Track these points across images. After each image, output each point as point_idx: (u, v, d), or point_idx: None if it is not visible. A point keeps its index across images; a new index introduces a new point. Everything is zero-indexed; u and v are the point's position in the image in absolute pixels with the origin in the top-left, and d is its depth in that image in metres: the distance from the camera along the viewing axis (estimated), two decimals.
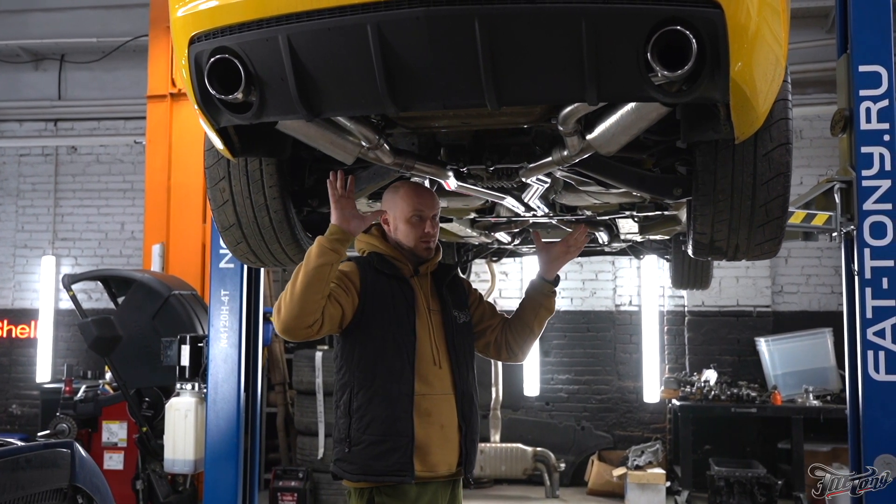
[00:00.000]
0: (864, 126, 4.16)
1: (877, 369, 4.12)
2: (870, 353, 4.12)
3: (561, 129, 2.55)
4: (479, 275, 8.77)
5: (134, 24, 9.26)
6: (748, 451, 8.36)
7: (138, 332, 6.14)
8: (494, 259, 6.83)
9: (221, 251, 4.69)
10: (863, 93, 4.18)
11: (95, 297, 9.09)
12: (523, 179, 2.98)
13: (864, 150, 4.15)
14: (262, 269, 4.88)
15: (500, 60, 2.10)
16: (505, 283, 9.26)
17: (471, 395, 2.78)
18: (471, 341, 2.87)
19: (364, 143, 2.66)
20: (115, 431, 6.51)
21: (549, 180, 3.16)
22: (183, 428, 4.83)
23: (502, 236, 5.28)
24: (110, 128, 9.94)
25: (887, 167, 4.15)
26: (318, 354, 7.59)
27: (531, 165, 2.86)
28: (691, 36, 2.04)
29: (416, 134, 2.93)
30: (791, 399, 7.96)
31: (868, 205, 4.13)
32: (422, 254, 2.81)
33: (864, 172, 4.14)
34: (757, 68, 2.26)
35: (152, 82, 8.27)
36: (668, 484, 7.91)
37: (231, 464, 4.58)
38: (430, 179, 3.14)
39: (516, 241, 5.57)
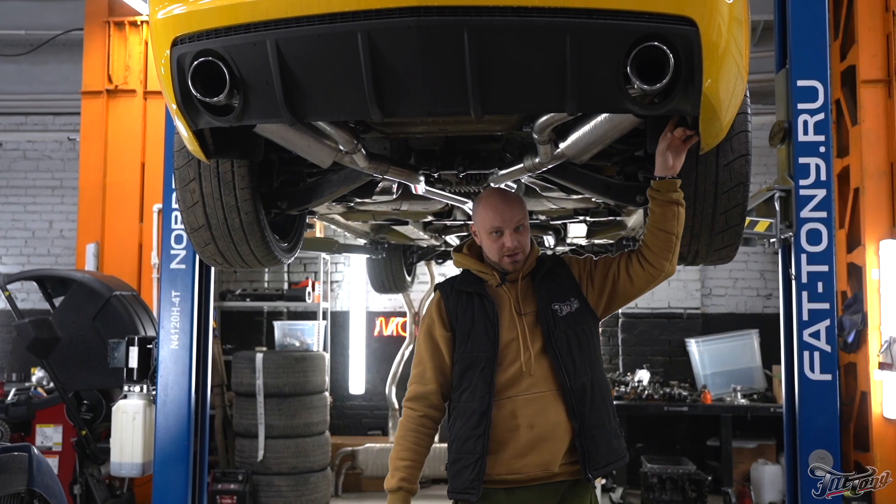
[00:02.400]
0: (801, 138, 4.37)
1: (812, 369, 4.33)
2: (806, 354, 4.33)
3: (535, 137, 2.63)
4: (419, 276, 8.83)
5: (66, 17, 9.01)
6: (678, 449, 8.62)
7: (78, 334, 6.00)
8: (439, 261, 6.92)
9: (173, 252, 4.64)
10: (801, 106, 4.38)
11: (22, 298, 8.81)
12: (492, 185, 3.05)
13: (802, 160, 4.36)
14: (213, 271, 4.84)
15: (486, 71, 2.16)
16: None
17: (583, 388, 2.68)
18: (582, 330, 2.75)
19: (342, 147, 2.69)
20: (49, 435, 6.35)
21: (514, 186, 3.24)
22: (131, 430, 4.75)
23: (452, 239, 5.36)
24: (38, 123, 9.65)
25: (823, 177, 4.36)
26: (259, 356, 7.54)
27: (502, 172, 2.94)
28: (668, 52, 2.14)
29: (389, 139, 2.97)
30: (720, 398, 8.26)
31: (805, 213, 4.34)
32: (507, 268, 2.76)
33: (802, 182, 4.35)
34: (724, 82, 2.37)
35: (87, 78, 8.08)
36: (604, 481, 8.10)
37: (181, 466, 4.53)
38: (399, 183, 3.19)
39: None
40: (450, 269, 9.16)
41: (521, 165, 2.85)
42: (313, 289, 8.87)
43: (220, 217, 2.98)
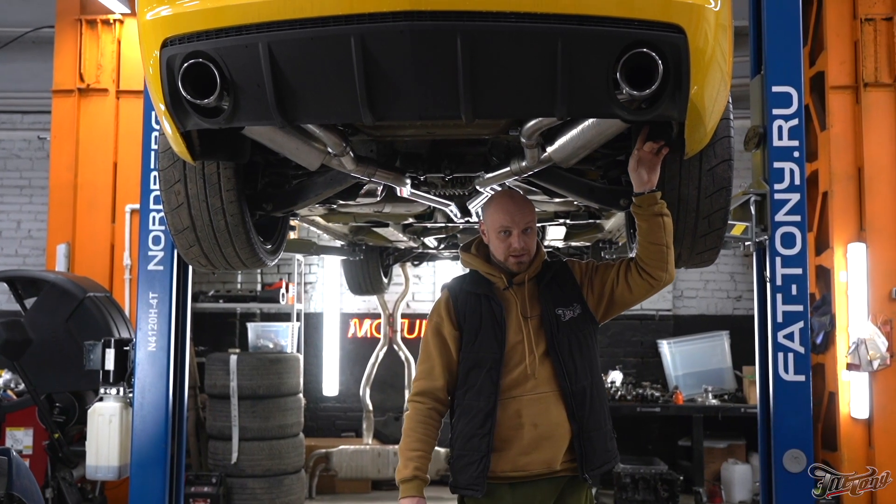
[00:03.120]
0: (776, 143, 4.43)
1: (786, 370, 4.39)
2: (780, 355, 4.39)
3: (523, 141, 2.66)
4: (394, 278, 8.83)
5: (35, 14, 8.84)
6: (650, 449, 8.71)
7: (51, 336, 5.91)
8: (415, 263, 6.93)
9: (150, 253, 4.59)
10: (776, 111, 4.44)
11: None
12: (478, 188, 3.07)
13: (777, 165, 4.42)
14: (191, 272, 4.80)
15: (478, 75, 2.18)
16: (418, 285, 9.35)
17: (583, 391, 2.78)
18: (584, 335, 2.85)
19: (330, 150, 2.69)
20: (19, 438, 6.25)
21: (499, 189, 3.26)
22: (107, 433, 4.70)
23: (430, 241, 5.38)
24: (6, 121, 9.49)
25: (797, 182, 4.43)
26: (233, 358, 7.50)
27: (488, 175, 2.96)
28: (657, 58, 2.18)
29: (375, 141, 2.98)
30: (692, 399, 8.36)
31: (780, 216, 4.40)
32: (513, 268, 2.85)
33: (777, 186, 4.41)
34: (709, 88, 2.41)
35: (58, 76, 7.97)
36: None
37: (159, 470, 4.48)
38: (385, 185, 3.20)
39: (441, 246, 5.69)
40: (424, 272, 9.18)
41: (508, 169, 2.87)
42: (287, 290, 8.83)
43: (205, 219, 2.97)
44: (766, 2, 4.45)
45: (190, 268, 4.82)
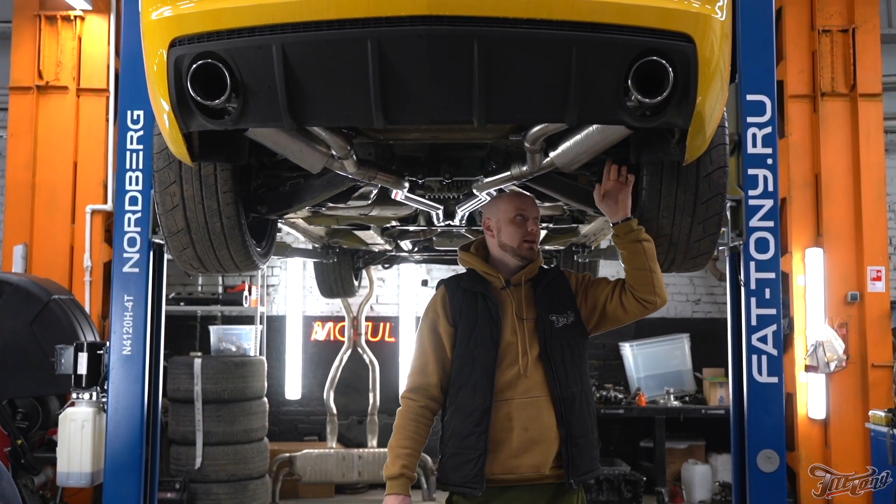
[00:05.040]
0: (750, 150, 4.54)
1: (759, 372, 4.50)
2: (754, 357, 4.50)
3: (527, 146, 2.68)
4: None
5: None
6: (611, 450, 8.80)
7: (13, 340, 5.75)
8: (385, 266, 6.92)
9: (126, 255, 4.51)
10: (750, 119, 4.56)
11: None
12: (475, 191, 3.09)
13: (751, 171, 4.53)
14: (165, 275, 4.73)
15: (493, 80, 2.20)
16: (382, 288, 9.33)
17: (572, 398, 2.80)
18: (575, 342, 2.87)
19: (334, 153, 2.68)
20: None
21: (495, 193, 3.28)
22: (79, 439, 4.59)
23: (405, 244, 5.38)
24: None
25: (770, 188, 4.55)
26: (198, 362, 7.39)
27: (487, 179, 2.98)
28: (668, 66, 2.22)
29: (374, 144, 2.98)
30: (654, 400, 8.49)
31: (754, 222, 4.51)
32: (526, 254, 2.87)
33: (751, 192, 4.52)
34: (712, 97, 2.46)
35: (16, 73, 7.75)
36: None
37: (134, 476, 4.39)
38: (380, 188, 3.19)
39: (415, 249, 5.69)
40: (388, 275, 9.15)
41: (509, 173, 2.90)
42: (250, 292, 8.73)
43: (200, 221, 2.93)
44: (741, 12, 4.55)
45: (165, 270, 4.75)
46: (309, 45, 2.19)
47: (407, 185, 3.02)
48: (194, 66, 2.26)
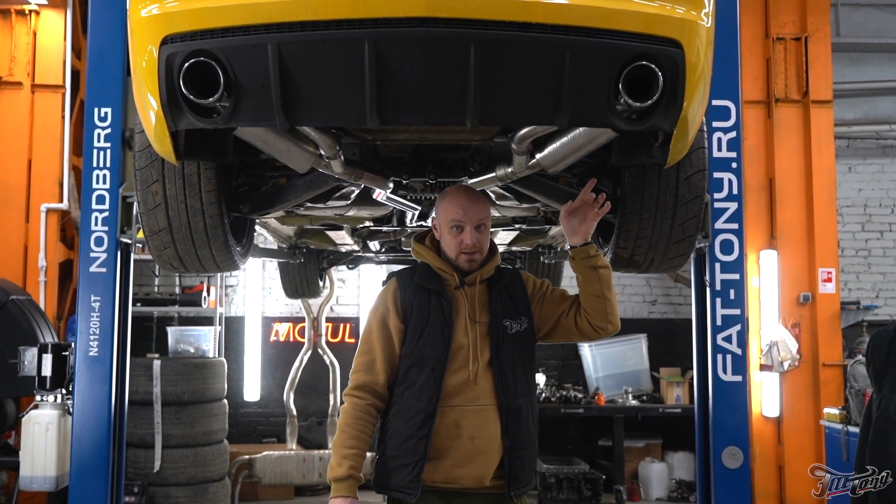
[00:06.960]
0: (715, 154, 4.66)
1: (724, 371, 4.62)
2: (719, 357, 4.61)
3: (514, 147, 2.70)
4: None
5: None
6: (570, 449, 8.92)
7: None
8: (351, 266, 6.90)
9: (92, 255, 4.43)
10: (715, 124, 4.68)
11: None
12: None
13: (716, 175, 4.65)
14: (132, 275, 4.66)
15: (488, 83, 2.22)
16: (343, 289, 9.30)
17: (519, 409, 2.70)
18: (526, 350, 2.78)
19: (322, 152, 2.68)
20: None
21: None
22: (43, 442, 4.48)
23: (374, 244, 5.38)
24: None
25: (734, 191, 4.68)
26: (157, 363, 7.28)
27: (473, 180, 3.00)
28: (657, 71, 2.27)
29: (359, 145, 2.98)
30: (612, 400, 8.62)
31: (719, 224, 4.63)
32: (463, 266, 2.74)
33: (716, 195, 4.64)
34: (696, 101, 2.53)
35: None
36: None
37: (101, 479, 4.32)
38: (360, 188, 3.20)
39: (382, 249, 5.69)
40: (348, 276, 9.12)
41: (494, 174, 2.92)
42: (208, 293, 8.63)
43: (183, 220, 2.90)
44: None
45: (132, 270, 4.68)
46: (305, 44, 2.19)
47: (391, 185, 3.03)
48: (186, 64, 2.24)
